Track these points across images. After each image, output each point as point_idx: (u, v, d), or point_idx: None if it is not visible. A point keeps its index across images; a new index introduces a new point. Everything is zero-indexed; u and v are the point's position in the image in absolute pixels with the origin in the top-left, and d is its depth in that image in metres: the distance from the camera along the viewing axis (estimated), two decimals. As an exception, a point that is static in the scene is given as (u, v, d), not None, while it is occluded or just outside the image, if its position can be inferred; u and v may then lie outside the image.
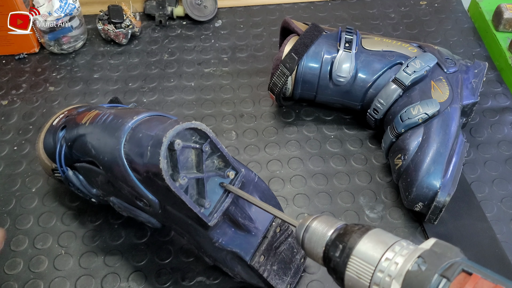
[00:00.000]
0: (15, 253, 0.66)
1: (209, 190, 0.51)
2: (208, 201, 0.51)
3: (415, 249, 0.36)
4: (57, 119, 0.66)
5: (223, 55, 0.93)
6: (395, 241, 0.37)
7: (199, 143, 0.49)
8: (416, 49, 0.75)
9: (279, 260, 0.59)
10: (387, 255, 0.36)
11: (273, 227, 0.57)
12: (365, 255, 0.37)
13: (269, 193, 0.60)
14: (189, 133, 0.49)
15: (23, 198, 0.71)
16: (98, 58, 0.92)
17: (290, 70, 0.74)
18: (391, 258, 0.36)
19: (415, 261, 0.35)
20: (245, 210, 0.55)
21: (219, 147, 0.50)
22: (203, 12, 0.98)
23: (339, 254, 0.38)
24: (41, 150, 0.65)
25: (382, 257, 0.36)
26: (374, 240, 0.37)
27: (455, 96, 0.70)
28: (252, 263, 0.55)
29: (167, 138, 0.45)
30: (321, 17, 1.00)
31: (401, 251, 0.36)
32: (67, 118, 0.65)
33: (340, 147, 0.78)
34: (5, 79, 0.89)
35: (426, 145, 0.65)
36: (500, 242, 0.66)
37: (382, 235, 0.38)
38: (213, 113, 0.83)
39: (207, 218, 0.50)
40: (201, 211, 0.50)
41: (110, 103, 0.70)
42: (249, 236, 0.56)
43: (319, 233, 0.41)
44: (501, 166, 0.75)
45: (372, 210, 0.70)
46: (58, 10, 0.86)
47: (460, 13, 1.01)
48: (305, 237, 0.42)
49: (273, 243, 0.58)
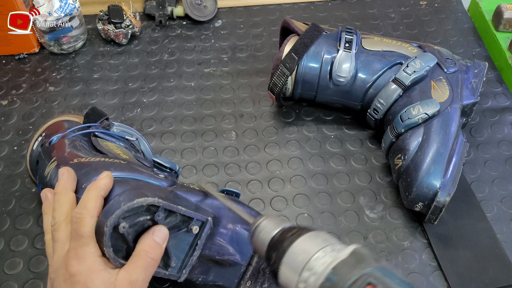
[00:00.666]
0: (15, 253, 0.66)
1: (175, 246, 0.48)
2: (174, 259, 0.48)
3: (333, 259, 0.36)
4: (36, 143, 0.64)
5: (223, 55, 0.93)
6: (317, 249, 0.37)
7: (151, 211, 0.46)
8: (416, 49, 0.75)
9: (269, 277, 0.57)
10: (308, 265, 0.36)
11: None
12: (292, 264, 0.37)
13: (251, 214, 0.55)
14: (136, 207, 0.44)
15: (23, 198, 0.71)
16: (98, 58, 0.92)
17: (290, 70, 0.74)
18: (311, 268, 0.36)
19: (327, 275, 0.35)
20: (223, 247, 0.53)
21: (175, 209, 0.46)
22: (203, 12, 0.98)
23: (273, 262, 0.39)
24: (30, 172, 0.65)
25: (304, 267, 0.36)
26: (302, 248, 0.38)
27: (455, 96, 0.70)
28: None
29: (108, 228, 0.43)
30: (321, 17, 1.00)
31: (319, 262, 0.36)
32: (40, 149, 0.62)
33: (340, 147, 0.78)
34: (5, 79, 0.89)
35: (426, 145, 0.65)
36: (500, 242, 0.66)
37: (312, 240, 0.38)
38: (213, 113, 0.83)
39: (175, 276, 0.49)
40: (167, 272, 0.48)
41: (86, 117, 0.65)
42: (232, 268, 0.54)
43: (265, 232, 0.41)
44: (501, 166, 0.75)
45: (372, 210, 0.70)
46: (58, 10, 0.86)
47: (460, 13, 1.01)
48: (254, 234, 0.42)
49: (260, 267, 0.56)
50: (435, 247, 0.66)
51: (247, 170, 0.75)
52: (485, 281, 0.63)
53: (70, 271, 0.43)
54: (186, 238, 0.49)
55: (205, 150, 0.77)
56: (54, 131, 0.64)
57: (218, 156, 0.77)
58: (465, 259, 0.65)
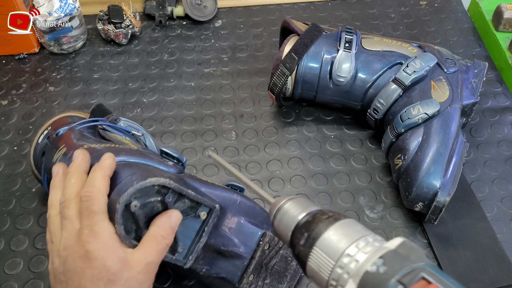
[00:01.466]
0: (15, 253, 0.66)
1: (182, 232, 0.49)
2: (181, 245, 0.49)
3: (379, 248, 0.34)
4: (41, 137, 0.64)
5: (223, 55, 0.93)
6: (361, 236, 0.35)
7: (162, 193, 0.46)
8: (416, 49, 0.75)
9: (272, 273, 0.57)
10: (349, 250, 0.34)
11: (261, 246, 0.55)
12: (328, 248, 0.35)
13: (255, 210, 0.57)
14: (148, 187, 0.45)
15: (23, 198, 0.71)
16: (98, 58, 0.92)
17: (290, 70, 0.74)
18: (352, 254, 0.34)
19: (375, 262, 0.32)
20: (228, 238, 0.53)
21: (185, 193, 0.47)
22: (203, 12, 0.98)
23: (304, 243, 0.36)
24: (33, 167, 0.65)
25: (344, 252, 0.34)
26: (340, 233, 0.35)
27: (455, 96, 0.70)
28: (241, 285, 0.55)
29: (120, 205, 0.43)
30: (321, 17, 1.00)
31: (365, 248, 0.34)
32: (47, 141, 0.63)
33: (340, 147, 0.78)
34: (5, 79, 0.89)
35: (426, 145, 0.65)
36: (500, 242, 0.66)
37: (350, 227, 0.36)
38: (213, 113, 0.83)
39: (182, 262, 0.49)
40: (174, 257, 0.48)
41: (92, 112, 0.67)
42: (236, 260, 0.54)
43: (290, 216, 0.39)
44: (501, 166, 0.75)
45: (372, 210, 0.70)
46: (58, 10, 0.86)
47: (460, 13, 1.01)
48: (276, 217, 0.40)
49: (263, 261, 0.56)
50: (435, 247, 0.66)
51: (247, 170, 0.75)
52: (485, 281, 0.63)
53: (86, 248, 0.43)
54: (193, 224, 0.49)
55: (205, 150, 0.77)
56: (60, 125, 0.64)
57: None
58: (465, 259, 0.65)
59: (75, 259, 0.43)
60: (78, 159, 0.49)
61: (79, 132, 0.61)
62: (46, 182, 0.60)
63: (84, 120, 0.65)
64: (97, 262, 0.42)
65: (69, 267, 0.43)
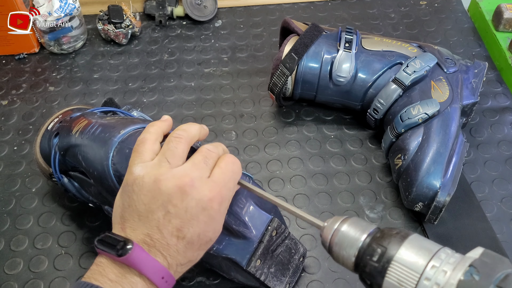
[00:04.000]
0: (15, 253, 0.66)
1: None
2: None
3: (464, 258, 0.34)
4: (52, 123, 0.65)
5: (223, 55, 0.93)
6: (439, 248, 0.35)
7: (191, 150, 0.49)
8: (416, 49, 0.75)
9: (277, 262, 0.58)
10: (433, 262, 0.34)
11: (269, 231, 0.57)
12: (408, 261, 0.35)
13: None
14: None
15: (23, 198, 0.71)
16: (98, 58, 0.92)
17: (290, 70, 0.74)
18: (438, 266, 0.34)
19: (467, 270, 0.33)
20: (239, 217, 0.55)
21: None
22: (203, 12, 0.98)
23: (377, 259, 0.36)
24: (38, 154, 0.65)
25: (428, 264, 0.34)
26: (417, 246, 0.35)
27: (455, 96, 0.70)
28: (248, 268, 0.55)
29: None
30: (321, 17, 1.00)
31: (448, 259, 0.34)
32: (60, 124, 0.64)
33: (340, 147, 0.78)
34: (5, 79, 0.89)
35: (426, 145, 0.65)
36: (500, 242, 0.66)
37: (424, 241, 0.36)
38: (213, 113, 0.83)
39: None
40: None
41: (104, 104, 0.70)
42: (245, 242, 0.56)
43: (351, 238, 0.38)
44: (501, 166, 0.75)
45: (372, 210, 0.70)
46: (58, 10, 0.86)
47: (460, 13, 1.01)
48: (333, 241, 0.40)
49: (270, 247, 0.57)
50: (435, 247, 0.66)
51: (247, 170, 0.75)
52: (485, 281, 0.62)
53: (184, 181, 0.44)
54: None
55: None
56: (70, 113, 0.66)
57: (218, 156, 0.77)
58: (465, 259, 0.65)
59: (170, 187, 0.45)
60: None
61: (94, 113, 0.63)
62: (58, 161, 0.61)
63: (97, 108, 0.66)
64: (195, 191, 0.45)
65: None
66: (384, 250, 0.35)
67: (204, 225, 0.45)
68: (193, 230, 0.44)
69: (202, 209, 0.44)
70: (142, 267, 0.43)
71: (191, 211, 0.44)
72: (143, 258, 0.43)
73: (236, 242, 0.55)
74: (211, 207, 0.45)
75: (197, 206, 0.44)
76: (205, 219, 0.45)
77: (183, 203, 0.44)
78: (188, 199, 0.44)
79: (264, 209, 0.58)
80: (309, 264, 0.64)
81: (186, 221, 0.44)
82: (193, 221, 0.44)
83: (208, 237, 0.46)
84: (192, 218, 0.44)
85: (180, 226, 0.44)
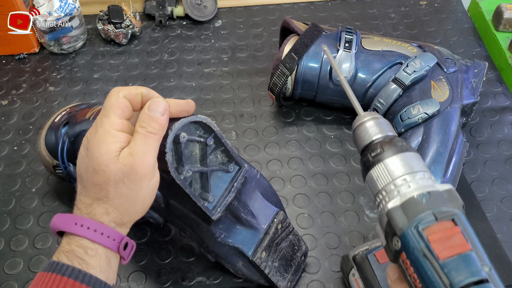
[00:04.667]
0: (15, 253, 0.66)
1: (213, 185, 0.52)
2: (211, 195, 0.52)
3: (430, 185, 0.40)
4: (59, 116, 0.67)
5: (223, 55, 0.93)
6: (420, 170, 0.42)
7: (203, 137, 0.50)
8: (416, 49, 0.75)
9: (280, 257, 0.59)
10: (406, 176, 0.41)
11: (275, 223, 0.58)
12: (390, 167, 0.42)
13: (270, 190, 0.60)
14: (194, 126, 0.49)
15: (23, 198, 0.71)
16: (98, 58, 0.92)
17: (290, 70, 0.74)
18: (408, 180, 0.41)
19: (423, 194, 0.39)
20: (247, 206, 0.56)
21: (223, 141, 0.51)
22: (203, 12, 0.98)
23: (374, 155, 0.43)
24: (43, 147, 0.66)
25: (401, 176, 0.41)
26: (405, 161, 0.42)
27: (455, 96, 0.70)
28: (254, 259, 0.56)
29: (172, 131, 0.46)
30: (321, 17, 1.00)
31: (419, 181, 0.41)
32: (69, 115, 0.66)
33: (340, 147, 0.78)
34: (5, 79, 0.89)
35: (426, 145, 0.65)
36: (500, 242, 0.66)
37: (415, 160, 0.42)
38: (213, 113, 0.83)
39: (210, 212, 0.51)
40: (205, 205, 0.50)
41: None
42: (251, 232, 0.57)
43: (371, 131, 0.45)
44: (501, 166, 0.75)
45: (372, 210, 0.70)
46: (58, 10, 0.86)
47: (460, 13, 1.01)
48: (356, 129, 0.46)
49: (275, 240, 0.58)
50: (435, 247, 0.66)
51: (247, 170, 0.75)
52: (485, 281, 0.62)
53: (87, 136, 0.45)
54: (224, 178, 0.53)
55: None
56: (79, 106, 0.67)
57: (218, 156, 0.77)
58: (465, 259, 0.65)
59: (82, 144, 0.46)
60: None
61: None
62: (66, 150, 0.62)
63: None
64: (90, 152, 0.44)
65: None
66: (382, 151, 0.43)
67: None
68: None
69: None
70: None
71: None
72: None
73: (243, 231, 0.56)
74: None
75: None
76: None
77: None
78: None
79: (270, 202, 0.59)
80: (309, 264, 0.64)
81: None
82: None
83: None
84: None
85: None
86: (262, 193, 0.58)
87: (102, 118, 0.45)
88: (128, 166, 0.43)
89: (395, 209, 0.40)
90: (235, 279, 0.63)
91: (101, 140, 0.44)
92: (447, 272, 0.37)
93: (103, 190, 0.44)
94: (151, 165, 0.45)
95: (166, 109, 0.45)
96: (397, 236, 0.39)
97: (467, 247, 0.38)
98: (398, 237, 0.39)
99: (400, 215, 0.39)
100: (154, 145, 0.45)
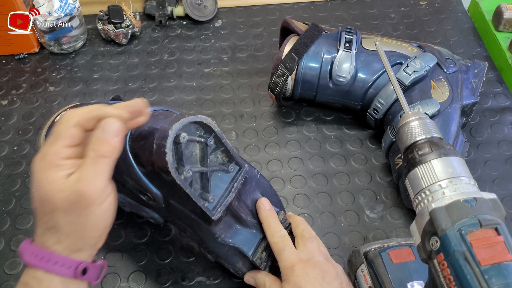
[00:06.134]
0: (15, 253, 0.66)
1: (213, 185, 0.52)
2: (212, 195, 0.52)
3: (476, 192, 0.42)
4: (59, 116, 0.67)
5: (223, 55, 0.93)
6: (466, 176, 0.43)
7: (203, 137, 0.50)
8: (416, 49, 0.75)
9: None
10: (452, 179, 0.42)
11: None
12: (437, 168, 0.43)
13: (271, 190, 0.60)
14: (194, 127, 0.49)
15: (23, 198, 0.71)
16: (98, 58, 0.92)
17: (290, 70, 0.74)
18: (454, 183, 0.42)
19: (469, 199, 0.40)
20: (248, 206, 0.56)
21: (224, 141, 0.51)
22: (203, 12, 0.98)
23: (421, 154, 0.44)
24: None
25: (448, 178, 0.42)
26: (452, 164, 0.43)
27: (455, 96, 0.70)
28: (254, 259, 0.56)
29: (173, 131, 0.45)
30: (321, 17, 1.00)
31: (464, 185, 0.42)
32: None
33: (340, 147, 0.78)
34: (5, 79, 0.89)
35: (426, 145, 0.65)
36: (500, 242, 0.66)
37: (460, 165, 0.44)
38: (213, 113, 0.83)
39: (211, 212, 0.51)
40: (205, 205, 0.50)
41: (112, 100, 0.71)
42: (251, 232, 0.57)
43: (415, 132, 0.46)
44: (501, 166, 0.75)
45: (372, 210, 0.70)
46: (58, 10, 0.86)
47: (460, 13, 1.01)
48: (403, 126, 0.47)
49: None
50: (435, 247, 0.66)
51: (247, 170, 0.75)
52: (485, 281, 0.62)
53: (34, 164, 0.43)
54: (224, 178, 0.53)
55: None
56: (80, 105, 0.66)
57: (218, 156, 0.77)
58: (465, 259, 0.65)
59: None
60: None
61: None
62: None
63: (108, 101, 0.67)
64: (35, 182, 0.43)
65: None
66: (430, 151, 0.44)
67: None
68: None
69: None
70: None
71: None
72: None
73: (243, 231, 0.56)
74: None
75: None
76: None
77: None
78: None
79: (270, 202, 0.59)
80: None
81: None
82: None
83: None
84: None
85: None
86: (262, 193, 0.58)
87: (49, 145, 0.43)
88: (76, 193, 0.41)
89: (440, 209, 0.40)
90: (235, 279, 0.63)
91: (46, 168, 0.42)
92: (487, 279, 0.37)
93: (53, 219, 0.42)
94: (100, 189, 0.42)
95: (119, 130, 0.43)
96: (437, 236, 0.40)
97: (509, 257, 0.38)
98: (438, 238, 0.40)
99: (444, 216, 0.40)
100: (104, 169, 0.42)
